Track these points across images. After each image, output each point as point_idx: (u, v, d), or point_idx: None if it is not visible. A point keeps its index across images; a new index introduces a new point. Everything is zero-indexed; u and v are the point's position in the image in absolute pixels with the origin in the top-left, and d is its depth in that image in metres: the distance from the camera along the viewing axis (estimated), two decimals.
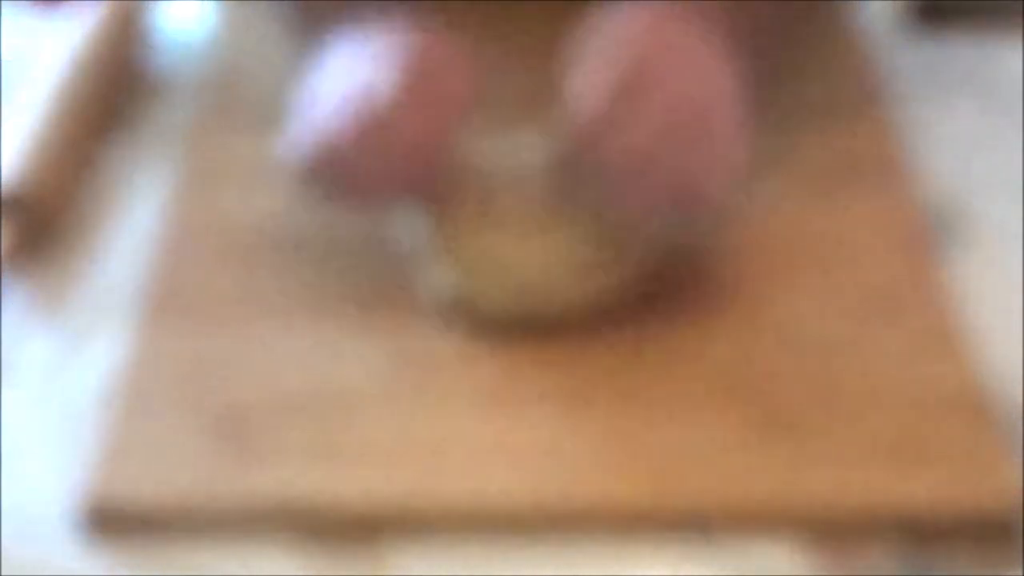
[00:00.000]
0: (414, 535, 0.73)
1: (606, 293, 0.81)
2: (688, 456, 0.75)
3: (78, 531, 0.74)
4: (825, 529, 0.73)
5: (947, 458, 0.75)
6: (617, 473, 0.75)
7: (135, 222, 0.90)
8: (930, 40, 1.05)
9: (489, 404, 0.78)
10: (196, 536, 0.73)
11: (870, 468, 0.74)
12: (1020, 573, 0.72)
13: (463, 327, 0.81)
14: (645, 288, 0.82)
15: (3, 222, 0.88)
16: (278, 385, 0.79)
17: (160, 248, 0.87)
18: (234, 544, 0.73)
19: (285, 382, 0.79)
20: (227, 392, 0.79)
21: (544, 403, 0.78)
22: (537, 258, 0.80)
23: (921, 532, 0.73)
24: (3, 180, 0.88)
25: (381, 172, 0.79)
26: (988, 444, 0.76)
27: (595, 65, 0.78)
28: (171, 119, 0.97)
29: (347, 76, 0.80)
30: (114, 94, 0.98)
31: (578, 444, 0.76)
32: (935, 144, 0.94)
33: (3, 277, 0.87)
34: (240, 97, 0.97)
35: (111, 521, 0.74)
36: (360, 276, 0.84)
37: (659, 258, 0.83)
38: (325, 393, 0.79)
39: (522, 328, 0.81)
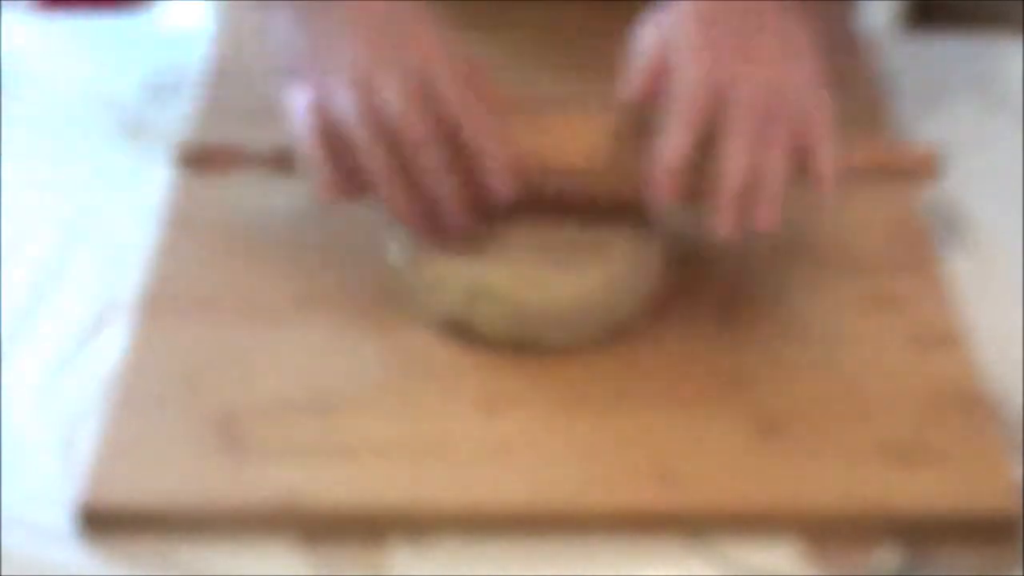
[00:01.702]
0: (413, 535, 0.73)
1: (610, 329, 0.81)
2: (688, 456, 0.75)
3: (78, 531, 0.74)
4: (825, 529, 0.73)
5: (947, 458, 0.75)
6: (617, 473, 0.75)
7: (135, 222, 0.90)
8: (930, 40, 1.05)
9: (488, 405, 0.78)
10: (195, 536, 0.73)
11: (870, 468, 0.74)
12: (1020, 573, 0.72)
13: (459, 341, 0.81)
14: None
15: None
16: (277, 385, 0.79)
17: (160, 247, 0.87)
18: (233, 544, 0.73)
19: (284, 382, 0.79)
20: (226, 392, 0.79)
21: (543, 404, 0.78)
22: (536, 293, 0.80)
23: (921, 532, 0.73)
24: None
25: None
26: (988, 444, 0.76)
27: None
28: (171, 118, 0.97)
29: None
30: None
31: (577, 445, 0.76)
32: (935, 144, 0.94)
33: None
34: (240, 97, 0.97)
35: (110, 521, 0.74)
36: (359, 276, 0.84)
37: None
38: (324, 393, 0.78)
39: (519, 349, 0.80)
